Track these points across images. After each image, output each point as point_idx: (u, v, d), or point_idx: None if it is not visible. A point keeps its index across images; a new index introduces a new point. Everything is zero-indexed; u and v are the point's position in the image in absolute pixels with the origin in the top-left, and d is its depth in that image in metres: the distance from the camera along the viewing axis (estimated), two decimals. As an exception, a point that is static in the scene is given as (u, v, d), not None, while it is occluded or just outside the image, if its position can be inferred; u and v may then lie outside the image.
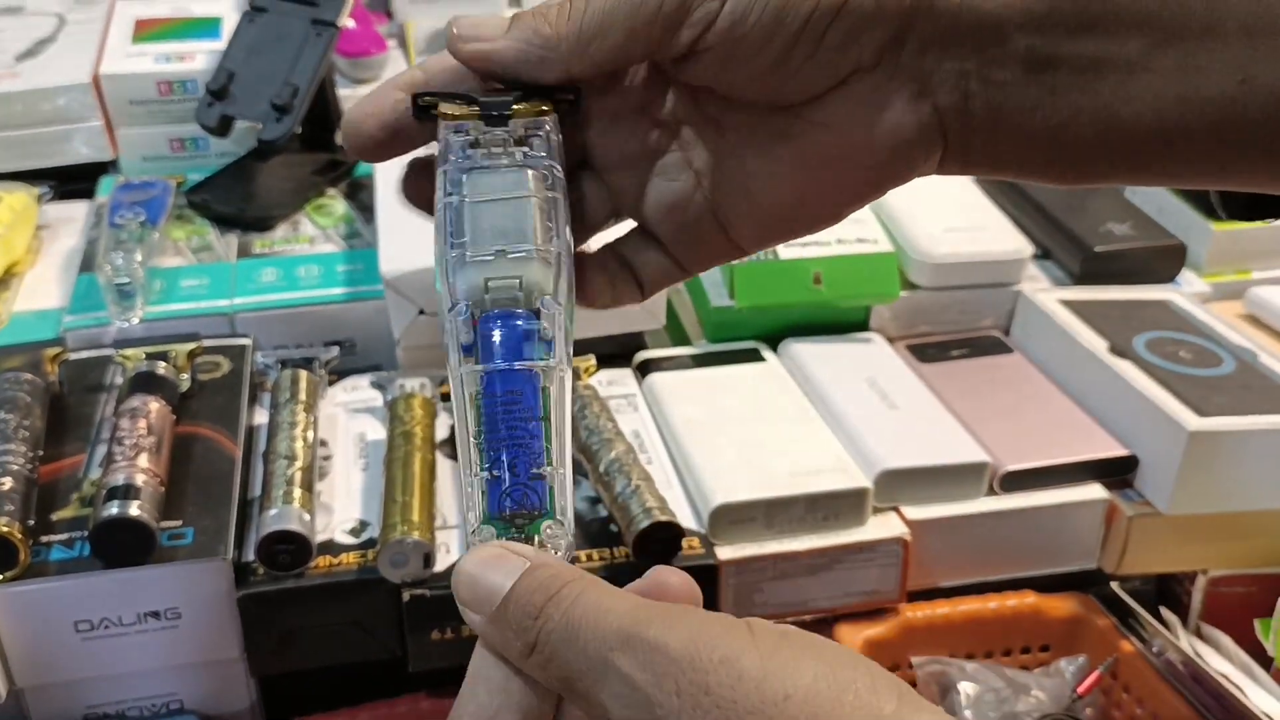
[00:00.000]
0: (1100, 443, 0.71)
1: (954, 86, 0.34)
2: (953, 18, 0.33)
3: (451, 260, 0.32)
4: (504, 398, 0.31)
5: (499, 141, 0.34)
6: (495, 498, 0.30)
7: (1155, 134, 0.33)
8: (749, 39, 0.33)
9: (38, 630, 0.58)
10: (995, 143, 0.34)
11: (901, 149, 0.34)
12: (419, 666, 0.62)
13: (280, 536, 0.59)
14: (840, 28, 0.32)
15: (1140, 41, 0.32)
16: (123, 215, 0.81)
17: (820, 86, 0.34)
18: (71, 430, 0.66)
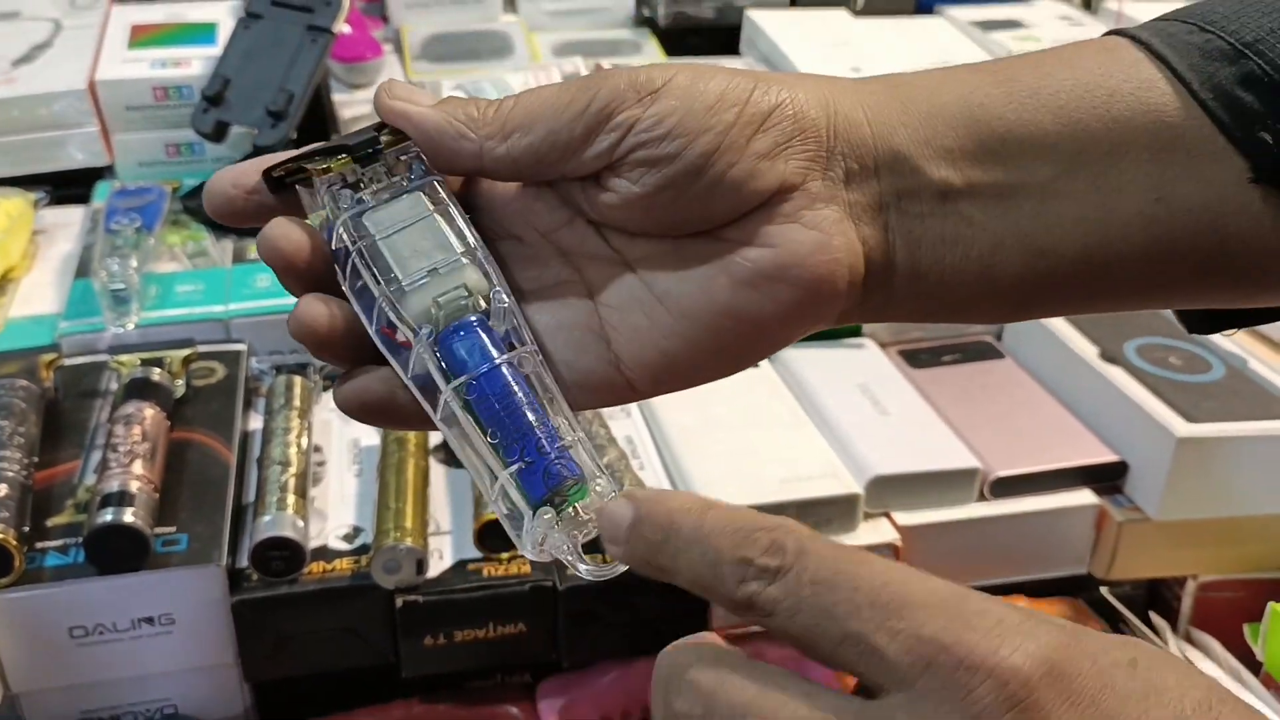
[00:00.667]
0: (1090, 448, 0.71)
1: (874, 219, 0.33)
2: (869, 151, 0.33)
3: (390, 296, 0.32)
4: (499, 396, 0.32)
5: (378, 176, 0.34)
6: (536, 482, 0.31)
7: (1082, 260, 0.33)
8: (671, 142, 0.32)
9: (33, 636, 0.58)
10: (920, 279, 0.34)
11: (826, 269, 0.33)
12: (412, 672, 0.62)
13: (274, 543, 0.59)
14: (766, 139, 0.32)
15: (1047, 169, 0.33)
16: (118, 221, 0.81)
17: (748, 203, 0.33)
18: (66, 436, 0.66)
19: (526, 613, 0.61)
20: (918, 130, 0.33)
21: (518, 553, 0.62)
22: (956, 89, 0.33)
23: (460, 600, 0.60)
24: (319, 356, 0.34)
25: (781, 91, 0.33)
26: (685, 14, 1.15)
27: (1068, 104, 0.32)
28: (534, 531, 0.31)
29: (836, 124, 0.33)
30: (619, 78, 0.33)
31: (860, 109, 0.33)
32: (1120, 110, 0.32)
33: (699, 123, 0.32)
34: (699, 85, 0.32)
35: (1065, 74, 0.33)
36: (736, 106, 0.32)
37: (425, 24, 1.14)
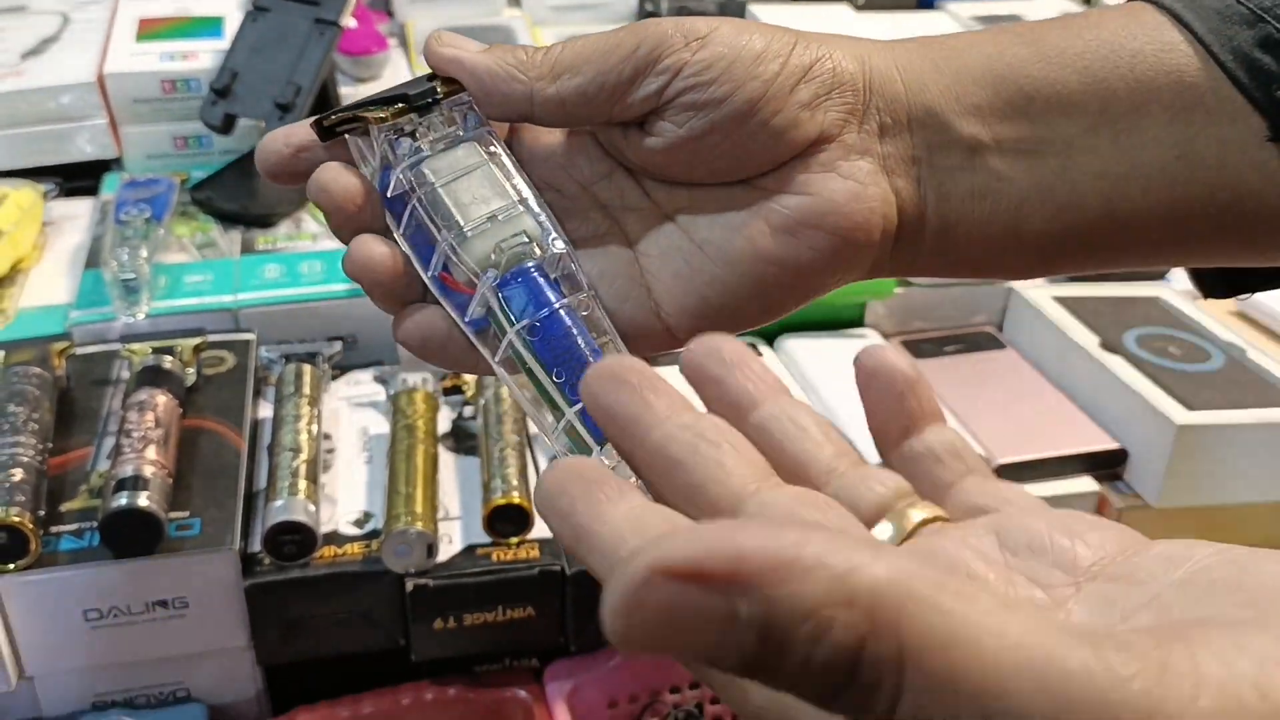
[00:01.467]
0: (1091, 436, 0.72)
1: (906, 172, 0.35)
2: (902, 106, 0.34)
3: (453, 241, 0.34)
4: (562, 337, 0.33)
5: (434, 126, 0.35)
6: None
7: (1104, 215, 0.34)
8: (719, 86, 0.33)
9: (48, 619, 0.59)
10: (948, 234, 0.35)
11: (860, 218, 0.34)
12: (422, 655, 0.63)
13: (286, 527, 0.60)
14: (808, 89, 0.34)
15: (1073, 125, 0.34)
16: (128, 212, 0.82)
17: (787, 151, 0.34)
18: (79, 423, 0.67)
19: (535, 597, 0.62)
20: (948, 87, 0.34)
21: (527, 537, 0.63)
22: (985, 49, 0.34)
23: (469, 584, 0.61)
24: (372, 295, 0.36)
25: (821, 48, 0.34)
26: (687, 9, 1.16)
27: (1092, 64, 0.34)
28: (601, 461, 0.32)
29: (872, 79, 0.34)
30: (666, 24, 0.34)
31: (894, 66, 0.34)
32: (1143, 71, 0.33)
33: (745, 70, 0.33)
34: (743, 37, 0.33)
35: (1090, 35, 0.34)
36: (780, 58, 0.33)
37: (430, 18, 1.15)
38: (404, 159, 0.35)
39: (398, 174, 0.35)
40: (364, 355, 0.79)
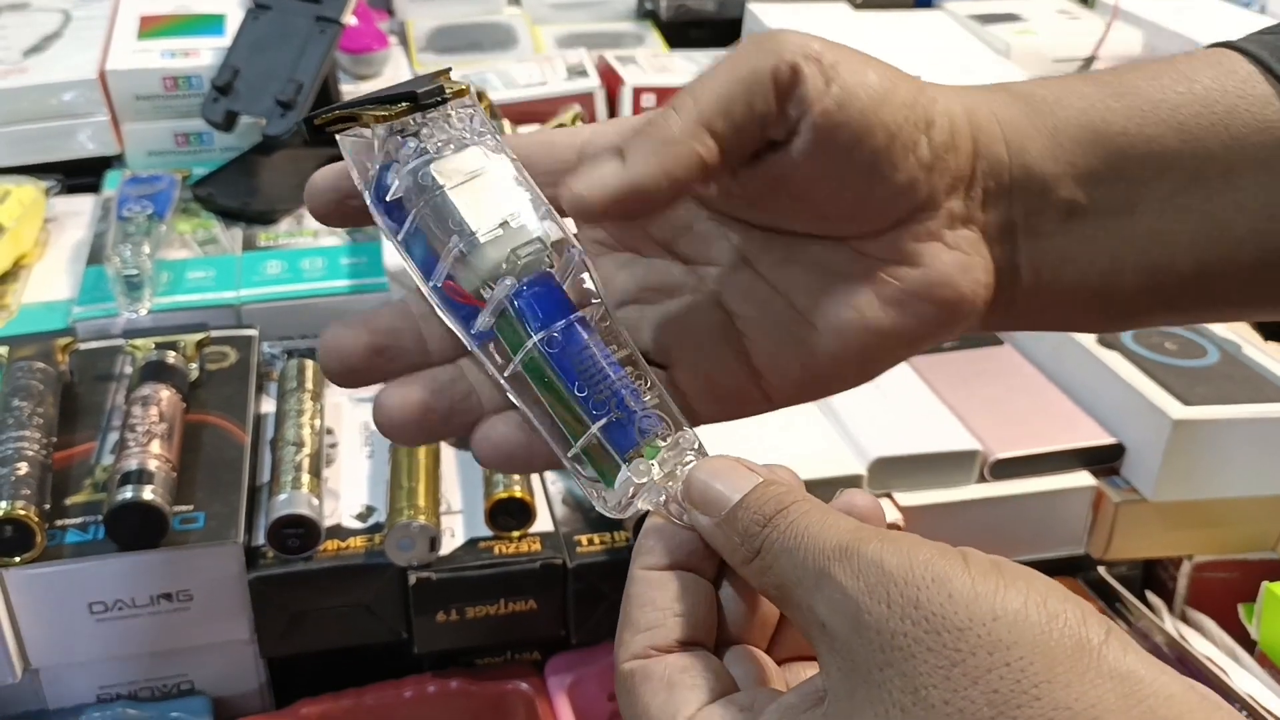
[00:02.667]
0: (1088, 431, 0.73)
1: (1005, 240, 0.34)
2: (1004, 171, 0.33)
3: (463, 248, 0.32)
4: (581, 349, 0.32)
5: (440, 127, 0.33)
6: (627, 436, 0.32)
7: (1194, 274, 0.34)
8: (849, 128, 0.31)
9: (53, 611, 0.59)
10: (1039, 295, 0.35)
11: (964, 288, 0.34)
12: (425, 648, 0.63)
13: (290, 521, 0.60)
14: (928, 146, 0.32)
15: (1166, 186, 0.33)
16: (130, 208, 0.82)
17: (898, 213, 0.33)
18: (83, 418, 0.68)
19: (536, 590, 0.62)
20: (1046, 147, 0.33)
21: (528, 531, 0.63)
22: (1078, 103, 0.33)
23: (472, 578, 0.62)
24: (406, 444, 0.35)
25: (936, 98, 0.32)
26: (687, 7, 1.16)
27: (1187, 120, 0.33)
28: (633, 476, 0.32)
29: (979, 138, 0.33)
30: (801, 50, 0.31)
31: (996, 123, 0.33)
32: (1238, 127, 0.33)
33: (874, 116, 0.31)
34: (873, 75, 0.31)
35: (1184, 88, 0.33)
36: (907, 107, 0.31)
37: (430, 16, 1.15)
38: (407, 161, 0.33)
39: (401, 177, 0.33)
40: (365, 351, 0.79)
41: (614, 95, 1.00)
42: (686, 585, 0.30)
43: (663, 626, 0.30)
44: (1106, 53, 1.12)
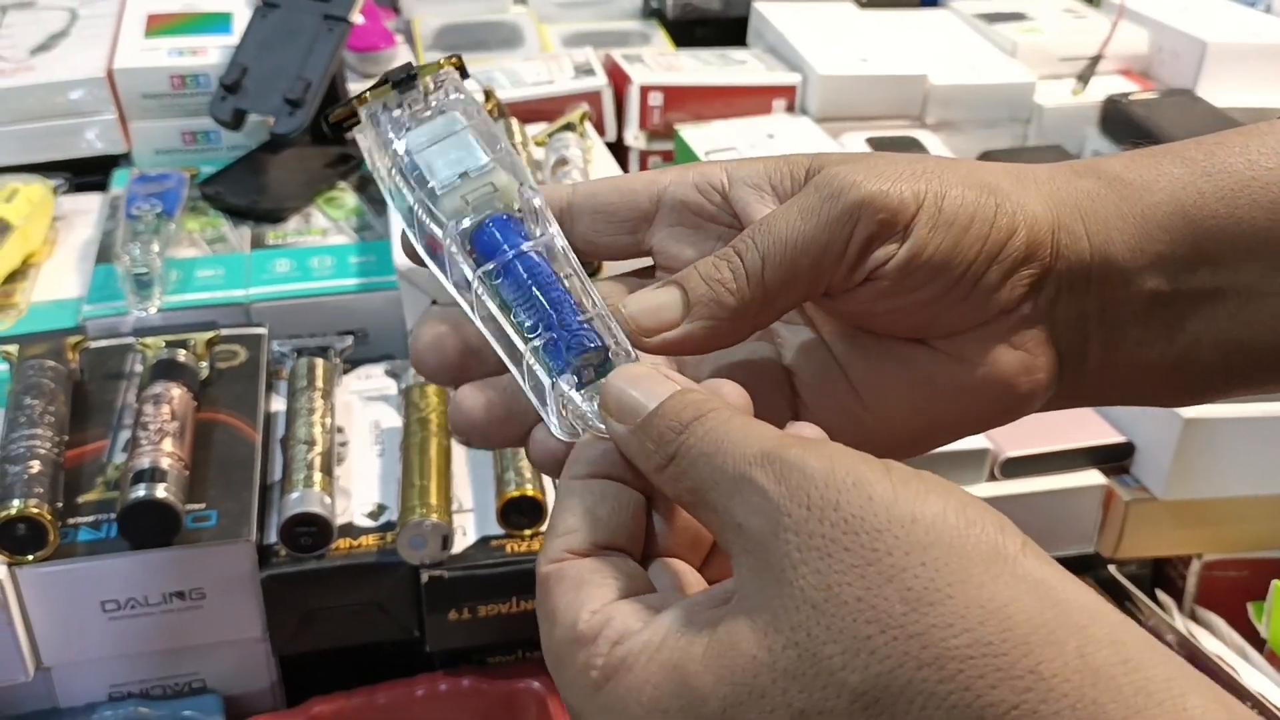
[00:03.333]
0: (1098, 430, 0.73)
1: (1075, 329, 0.34)
2: (1085, 267, 0.33)
3: (423, 199, 0.35)
4: (526, 277, 0.33)
5: (415, 100, 0.36)
6: (558, 354, 0.32)
7: (1272, 351, 0.34)
8: (917, 276, 0.32)
9: (65, 610, 0.59)
10: (1109, 378, 0.35)
11: (1023, 386, 0.34)
12: (436, 646, 0.63)
13: (302, 519, 0.60)
14: (998, 270, 0.32)
15: (1255, 267, 0.33)
16: (139, 207, 0.82)
17: (965, 325, 0.33)
18: (93, 416, 0.68)
19: (548, 588, 0.62)
20: (1131, 236, 0.33)
21: (540, 530, 0.63)
22: (1168, 186, 0.33)
23: (484, 576, 0.62)
24: (476, 444, 0.36)
25: (1018, 213, 0.32)
26: (693, 5, 1.16)
27: (1277, 199, 0.33)
28: (559, 394, 0.32)
29: (1060, 240, 0.33)
30: (873, 206, 0.31)
31: (1080, 218, 0.33)
32: None
33: (945, 258, 0.32)
34: (948, 213, 0.32)
35: (1272, 163, 0.33)
36: (980, 241, 0.32)
37: (437, 15, 1.15)
38: (385, 132, 0.36)
39: (379, 149, 0.36)
40: (375, 349, 0.80)
41: (621, 94, 1.00)
42: (607, 491, 0.30)
43: (578, 531, 0.29)
44: (1113, 51, 1.11)
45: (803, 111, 1.03)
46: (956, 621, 0.23)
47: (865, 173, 0.32)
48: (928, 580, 0.23)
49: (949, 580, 0.23)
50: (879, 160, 0.33)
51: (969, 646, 0.23)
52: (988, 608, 0.23)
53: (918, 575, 0.23)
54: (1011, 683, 0.22)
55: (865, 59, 1.04)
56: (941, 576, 0.23)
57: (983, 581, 0.23)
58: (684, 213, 0.36)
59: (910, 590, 0.23)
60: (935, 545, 0.24)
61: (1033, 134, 1.06)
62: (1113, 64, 1.12)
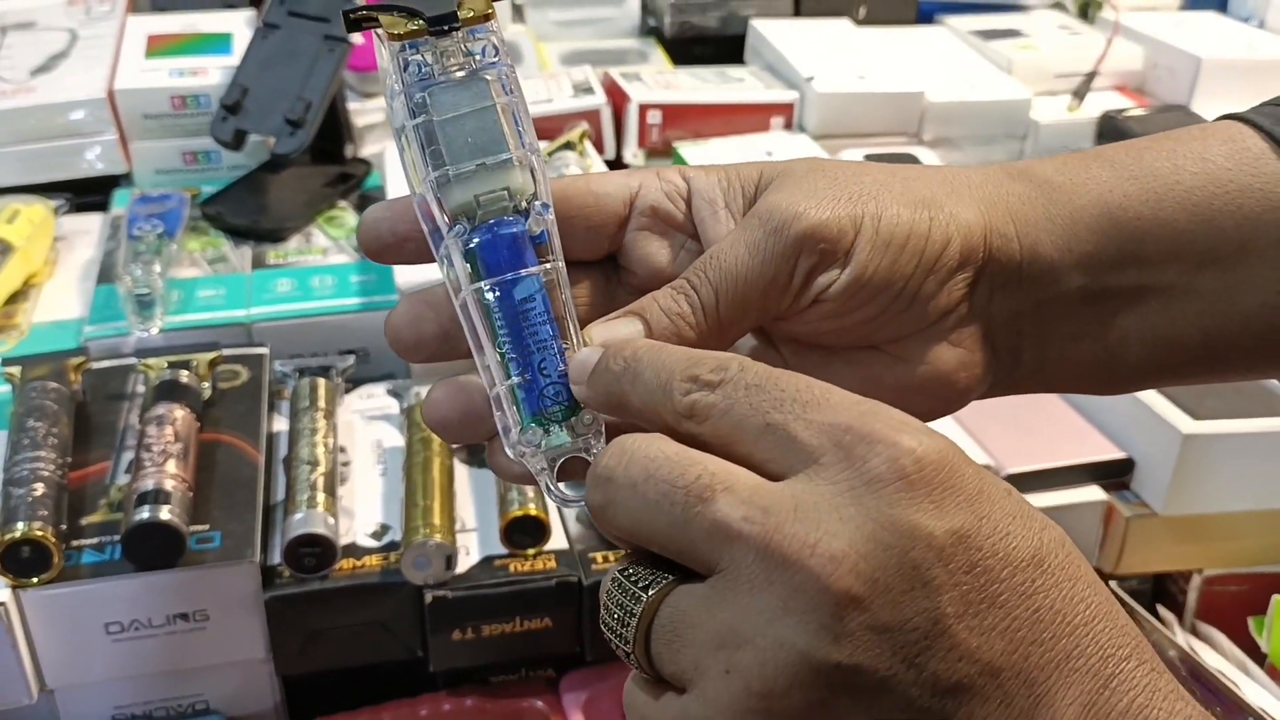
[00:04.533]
0: (1098, 446, 0.73)
1: (1010, 326, 0.36)
2: (1016, 267, 0.35)
3: (436, 181, 0.33)
4: (520, 306, 0.33)
5: (450, 53, 0.34)
6: (533, 400, 0.33)
7: (1200, 346, 0.35)
8: (859, 296, 0.34)
9: (69, 632, 0.59)
10: (1042, 370, 0.37)
11: (964, 382, 0.36)
12: (440, 666, 0.63)
13: (306, 539, 0.60)
14: (935, 279, 0.34)
15: (1178, 267, 0.34)
16: (140, 227, 0.82)
17: (907, 331, 0.35)
18: (96, 437, 0.68)
19: (552, 608, 0.63)
20: (1060, 237, 0.35)
21: (543, 549, 0.63)
22: (1095, 188, 0.35)
23: (487, 595, 0.62)
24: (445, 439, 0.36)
25: (950, 223, 0.34)
26: (690, 24, 1.17)
27: (1201, 201, 0.34)
28: (522, 441, 0.33)
29: (992, 243, 0.34)
30: (815, 238, 0.33)
31: (1010, 220, 0.35)
32: (1251, 207, 0.34)
33: (884, 277, 0.34)
34: (884, 235, 0.33)
35: (1197, 168, 0.34)
36: (916, 256, 0.33)
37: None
38: (409, 83, 0.33)
39: (399, 97, 0.33)
40: (376, 368, 0.80)
41: (620, 112, 1.01)
42: None
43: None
44: (1108, 68, 1.12)
45: (800, 129, 1.03)
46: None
47: (806, 199, 0.33)
48: None
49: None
50: (819, 181, 0.34)
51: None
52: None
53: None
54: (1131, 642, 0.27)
55: (862, 76, 1.04)
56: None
57: None
58: (654, 218, 0.37)
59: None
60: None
61: (1029, 150, 1.06)
62: (1108, 80, 1.13)
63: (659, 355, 0.30)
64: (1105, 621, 0.27)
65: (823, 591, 0.25)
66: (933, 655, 0.25)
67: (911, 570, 0.25)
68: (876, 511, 0.25)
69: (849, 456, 0.26)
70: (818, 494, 0.26)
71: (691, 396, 0.29)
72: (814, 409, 0.27)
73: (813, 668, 0.25)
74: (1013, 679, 0.25)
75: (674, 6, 1.16)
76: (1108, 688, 0.26)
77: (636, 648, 0.28)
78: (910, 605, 0.25)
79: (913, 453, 0.26)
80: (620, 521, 0.29)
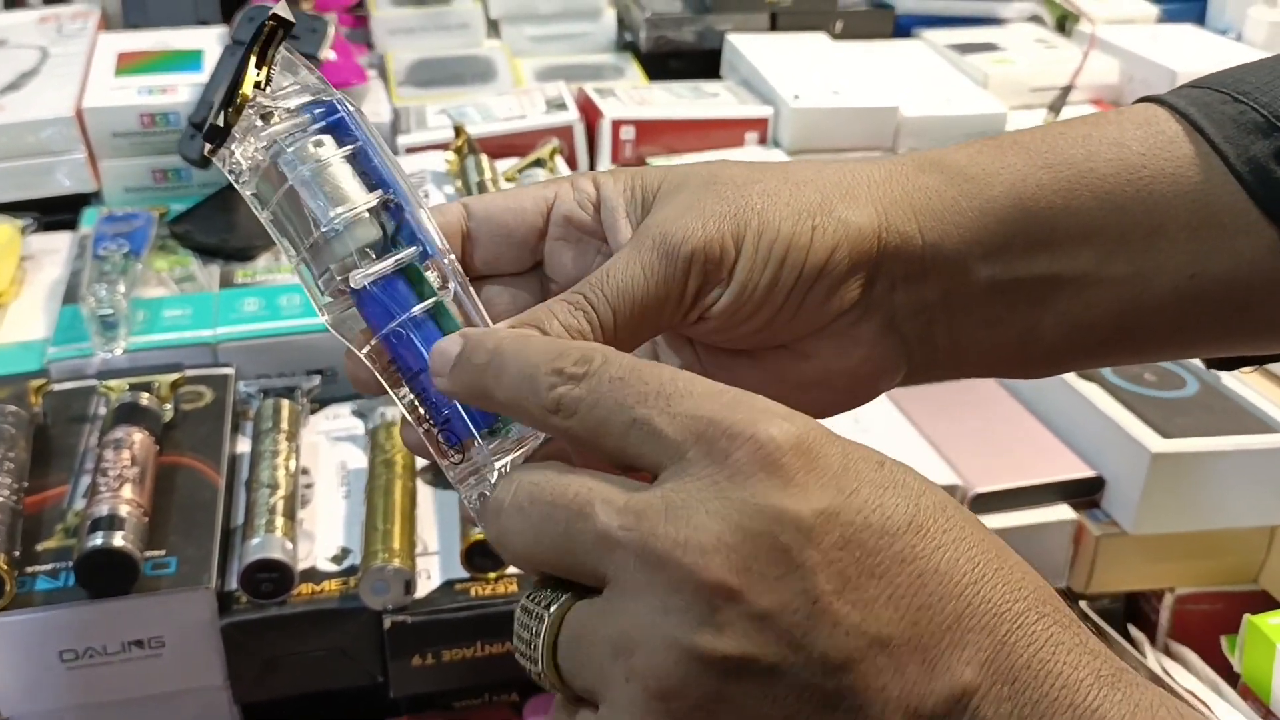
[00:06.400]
0: (1068, 464, 0.73)
1: (917, 317, 0.36)
2: (918, 260, 0.35)
3: (306, 251, 0.34)
4: (403, 358, 0.34)
5: (282, 114, 0.34)
6: (450, 432, 0.34)
7: (1115, 330, 0.35)
8: (743, 311, 0.34)
9: (23, 660, 0.58)
10: (958, 357, 0.37)
11: (870, 374, 0.36)
12: (401, 692, 0.63)
13: (263, 565, 0.59)
14: (822, 286, 0.34)
15: (1090, 254, 0.34)
16: (106, 247, 0.82)
17: (804, 331, 0.36)
18: (55, 461, 0.67)
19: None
20: (968, 230, 0.35)
21: (505, 573, 0.63)
22: (1008, 177, 0.35)
23: (448, 620, 0.61)
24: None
25: (837, 229, 0.34)
26: (666, 38, 1.17)
27: (1114, 189, 0.34)
28: (481, 452, 0.34)
29: (888, 242, 0.34)
30: (701, 259, 0.33)
31: (913, 218, 0.35)
32: (1162, 193, 0.34)
33: (765, 292, 0.34)
34: (763, 251, 0.34)
35: (1111, 154, 0.34)
36: (797, 269, 0.34)
37: (409, 50, 1.15)
38: (246, 179, 0.34)
39: (252, 171, 0.34)
40: (343, 388, 0.79)
41: (593, 128, 1.00)
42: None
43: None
44: (1084, 81, 1.12)
45: (775, 144, 1.03)
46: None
47: (694, 219, 0.34)
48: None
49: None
50: (707, 198, 0.34)
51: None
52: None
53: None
54: (1038, 592, 0.27)
55: (837, 91, 1.04)
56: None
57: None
58: (569, 227, 0.37)
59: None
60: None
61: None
62: (1084, 94, 1.13)
63: (523, 348, 0.30)
64: (997, 577, 0.26)
65: (697, 586, 0.25)
66: (818, 635, 0.25)
67: (782, 554, 0.25)
68: (741, 502, 0.26)
69: (711, 451, 0.27)
70: (686, 492, 0.26)
71: (557, 391, 0.29)
72: (677, 401, 0.27)
73: (702, 662, 0.25)
74: (903, 646, 0.26)
75: (649, 21, 1.15)
76: (1005, 644, 0.26)
77: (547, 668, 0.28)
78: (786, 589, 0.25)
79: (772, 440, 0.26)
80: (516, 549, 0.29)
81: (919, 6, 1.25)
